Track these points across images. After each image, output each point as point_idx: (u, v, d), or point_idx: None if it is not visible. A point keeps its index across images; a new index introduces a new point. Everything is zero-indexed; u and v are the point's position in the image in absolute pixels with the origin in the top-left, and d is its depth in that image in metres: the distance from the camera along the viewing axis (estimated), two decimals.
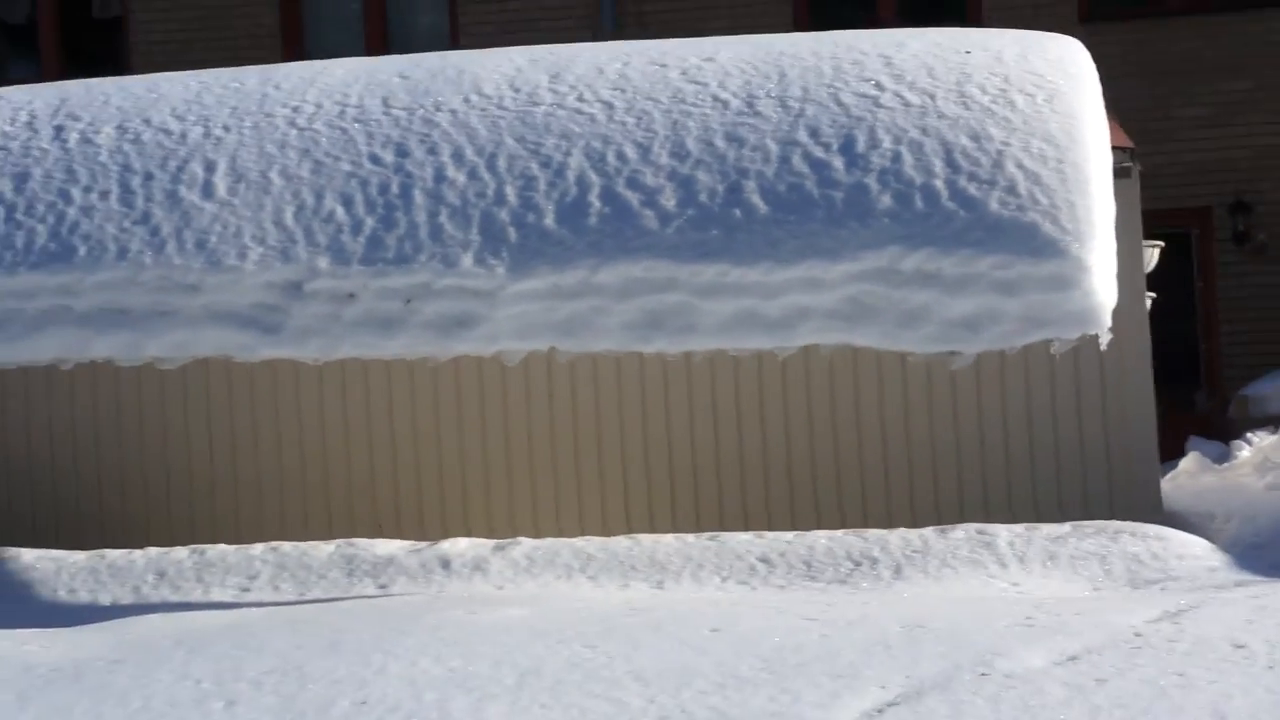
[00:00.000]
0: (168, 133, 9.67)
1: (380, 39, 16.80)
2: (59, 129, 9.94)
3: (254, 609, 7.79)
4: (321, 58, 14.45)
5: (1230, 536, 9.54)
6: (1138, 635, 6.00)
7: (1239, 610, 6.38)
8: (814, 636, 6.16)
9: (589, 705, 5.46)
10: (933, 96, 8.73)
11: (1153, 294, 13.12)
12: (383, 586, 8.50)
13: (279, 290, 8.82)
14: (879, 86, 8.88)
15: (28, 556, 9.40)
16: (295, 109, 9.66)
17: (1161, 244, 12.93)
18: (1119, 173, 9.28)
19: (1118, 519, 9.69)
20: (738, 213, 8.43)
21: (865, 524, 9.68)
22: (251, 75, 10.36)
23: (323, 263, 8.75)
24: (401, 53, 13.83)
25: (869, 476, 9.99)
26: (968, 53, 9.15)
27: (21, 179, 9.59)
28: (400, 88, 9.71)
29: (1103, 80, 9.17)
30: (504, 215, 8.69)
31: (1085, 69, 9.16)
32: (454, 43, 16.09)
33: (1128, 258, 9.82)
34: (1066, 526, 8.53)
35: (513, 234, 8.62)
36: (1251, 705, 5.12)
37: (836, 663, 5.78)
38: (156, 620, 7.71)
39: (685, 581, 8.21)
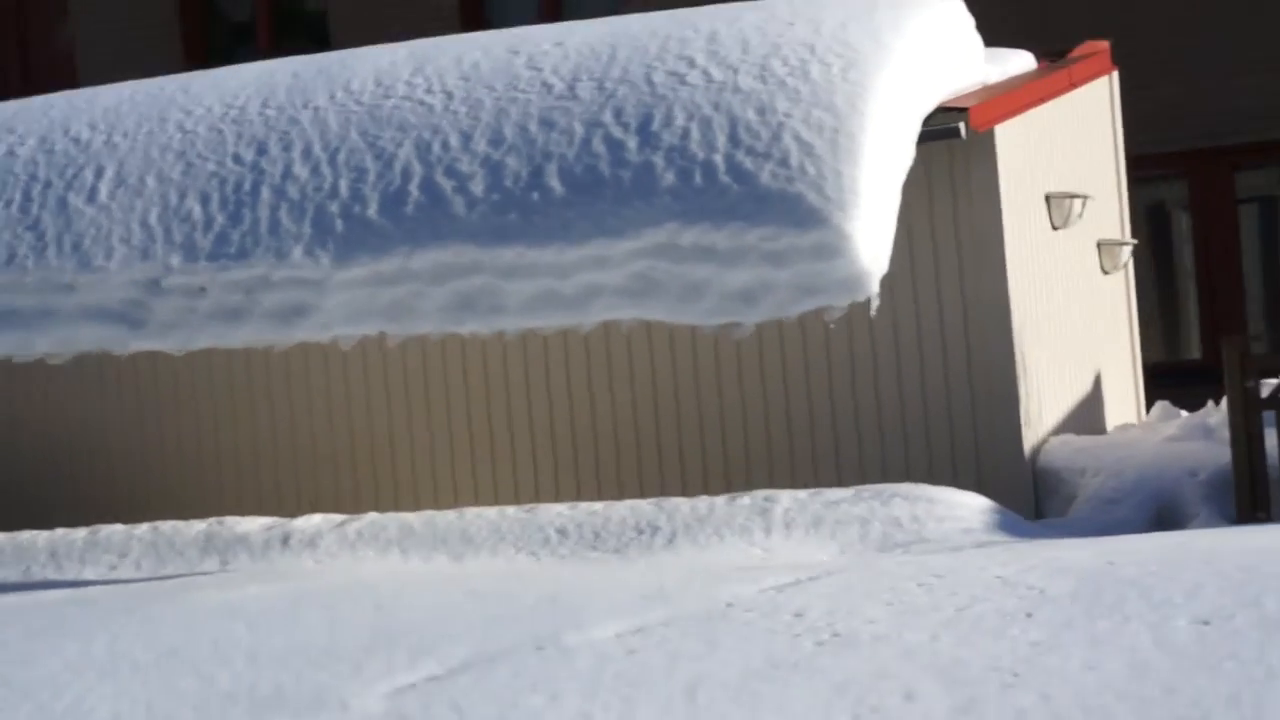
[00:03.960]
0: (77, 141, 10.14)
1: (555, 6, 16.92)
2: None
3: (61, 589, 8.26)
4: (503, 27, 14.92)
5: (1091, 491, 9.32)
6: (729, 606, 6.00)
7: (879, 580, 6.29)
8: (445, 611, 6.31)
9: (179, 684, 5.72)
10: (736, 71, 8.68)
11: (1134, 242, 12.79)
12: (225, 563, 8.86)
13: (141, 287, 9.22)
14: (691, 64, 8.86)
15: None
16: (189, 113, 10.02)
17: (1135, 241, 12.58)
18: (942, 134, 9.10)
19: (985, 476, 9.55)
20: (536, 196, 8.53)
21: (748, 488, 9.68)
22: (174, 82, 10.78)
23: (176, 260, 9.11)
24: (574, 18, 14.10)
25: (739, 443, 9.99)
26: (791, 24, 9.06)
27: None
28: (284, 87, 9.99)
29: None
30: (334, 207, 8.93)
31: (918, 36, 8.99)
32: (621, 7, 16.10)
33: (981, 215, 9.61)
34: (849, 491, 8.44)
35: (340, 225, 8.86)
36: (737, 672, 5.13)
37: (429, 636, 5.92)
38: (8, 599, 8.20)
39: (483, 554, 8.38)
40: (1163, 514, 9.12)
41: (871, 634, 5.51)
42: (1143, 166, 14.96)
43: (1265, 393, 8.90)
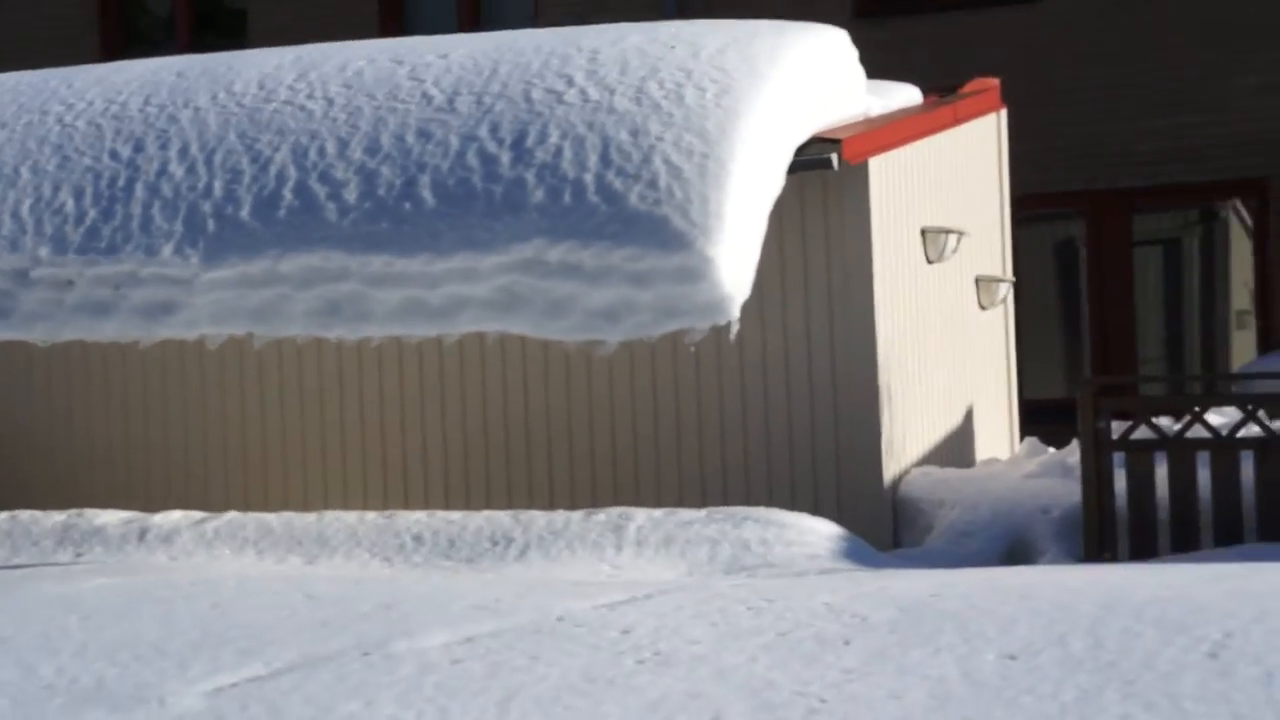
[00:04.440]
0: None
1: (472, 15, 16.91)
2: None
3: None
4: (421, 34, 14.96)
5: (946, 523, 9.45)
6: (559, 620, 6.04)
7: (710, 601, 6.36)
8: (280, 613, 6.32)
9: (1, 674, 5.70)
10: (613, 92, 8.75)
11: (1012, 279, 12.96)
12: (79, 555, 8.84)
13: (9, 277, 9.16)
14: (570, 82, 8.93)
15: None
16: (69, 106, 9.98)
17: (1013, 279, 12.75)
18: (815, 164, 9.21)
19: (844, 503, 9.66)
20: (408, 206, 8.56)
21: (614, 504, 9.73)
22: (58, 75, 10.72)
23: (44, 252, 9.07)
24: (494, 29, 14.14)
25: (606, 460, 10.05)
26: (672, 48, 9.15)
27: None
28: (167, 86, 9.96)
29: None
30: (207, 207, 8.92)
31: (795, 65, 9.09)
32: (536, 19, 16.12)
33: (852, 246, 9.73)
34: (703, 512, 8.52)
35: (211, 225, 8.85)
36: (553, 686, 5.18)
37: (259, 637, 5.93)
38: None
39: (338, 557, 8.40)
40: (1014, 549, 9.25)
41: (691, 654, 5.57)
42: (1045, 204, 15.21)
43: (1116, 434, 9.05)
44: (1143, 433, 9.26)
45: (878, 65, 11.02)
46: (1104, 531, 8.95)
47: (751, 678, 5.30)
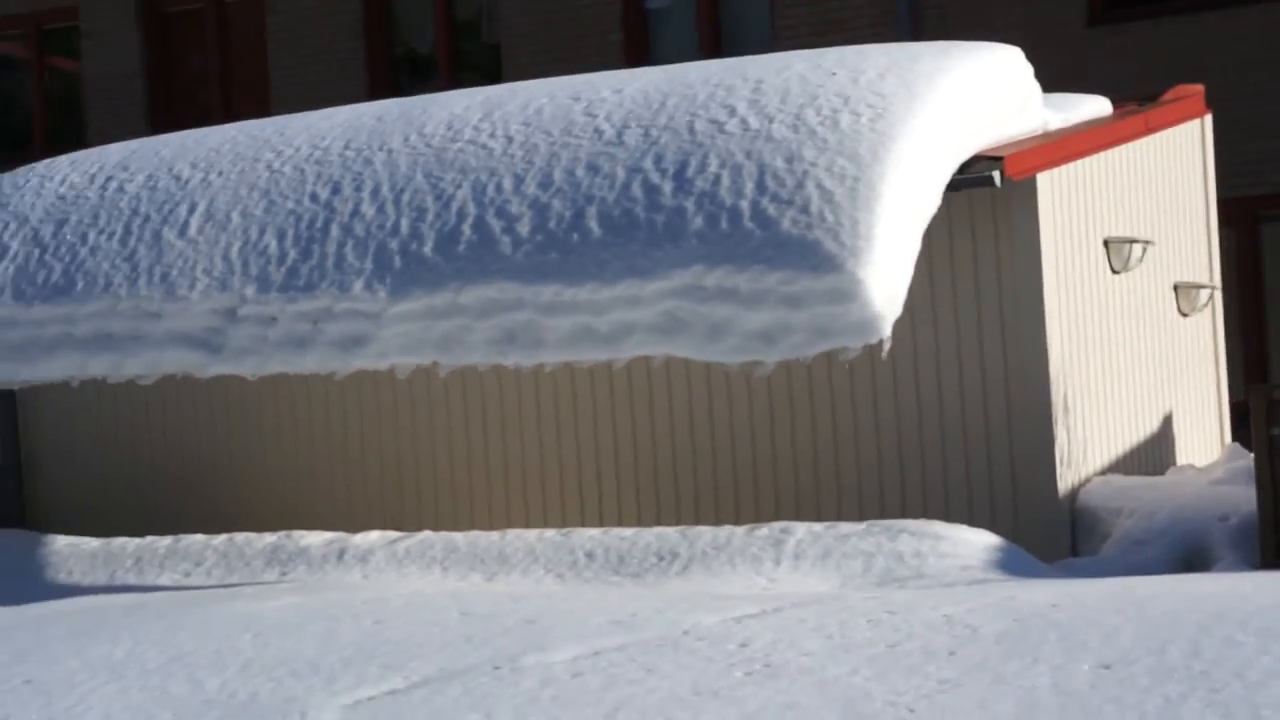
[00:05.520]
0: (178, 179, 10.69)
1: (713, 40, 17.22)
2: (108, 179, 11.08)
3: (132, 594, 8.74)
4: (667, 62, 15.36)
5: (1122, 532, 9.37)
6: (685, 634, 6.23)
7: (836, 614, 6.47)
8: (432, 629, 6.63)
9: (172, 689, 6.13)
10: (772, 120, 8.91)
11: (1214, 285, 12.70)
12: (283, 574, 9.30)
13: (220, 315, 9.73)
14: (732, 112, 9.11)
15: (59, 542, 10.60)
16: (278, 153, 10.53)
17: (1215, 285, 12.51)
18: (977, 181, 9.23)
19: (1020, 515, 9.65)
20: (576, 237, 8.85)
21: (795, 518, 9.87)
22: (273, 124, 11.30)
23: (250, 291, 9.60)
24: (735, 53, 14.44)
25: (794, 473, 10.18)
26: (833, 74, 9.27)
27: (60, 223, 10.79)
28: (366, 130, 10.45)
29: None
30: (394, 245, 9.34)
31: (956, 86, 9.14)
32: (774, 42, 16.42)
33: (1022, 259, 9.70)
34: (861, 525, 8.58)
35: (398, 261, 9.27)
36: (660, 698, 5.38)
37: (406, 652, 6.25)
38: (66, 603, 8.71)
39: (515, 574, 8.70)
40: (1190, 557, 9.13)
41: (799, 666, 5.72)
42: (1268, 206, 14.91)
43: None
44: None
45: (1113, 73, 10.94)
46: (1279, 538, 8.79)
47: (850, 689, 5.43)
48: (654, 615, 6.65)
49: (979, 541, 8.44)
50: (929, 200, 8.64)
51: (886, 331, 8.08)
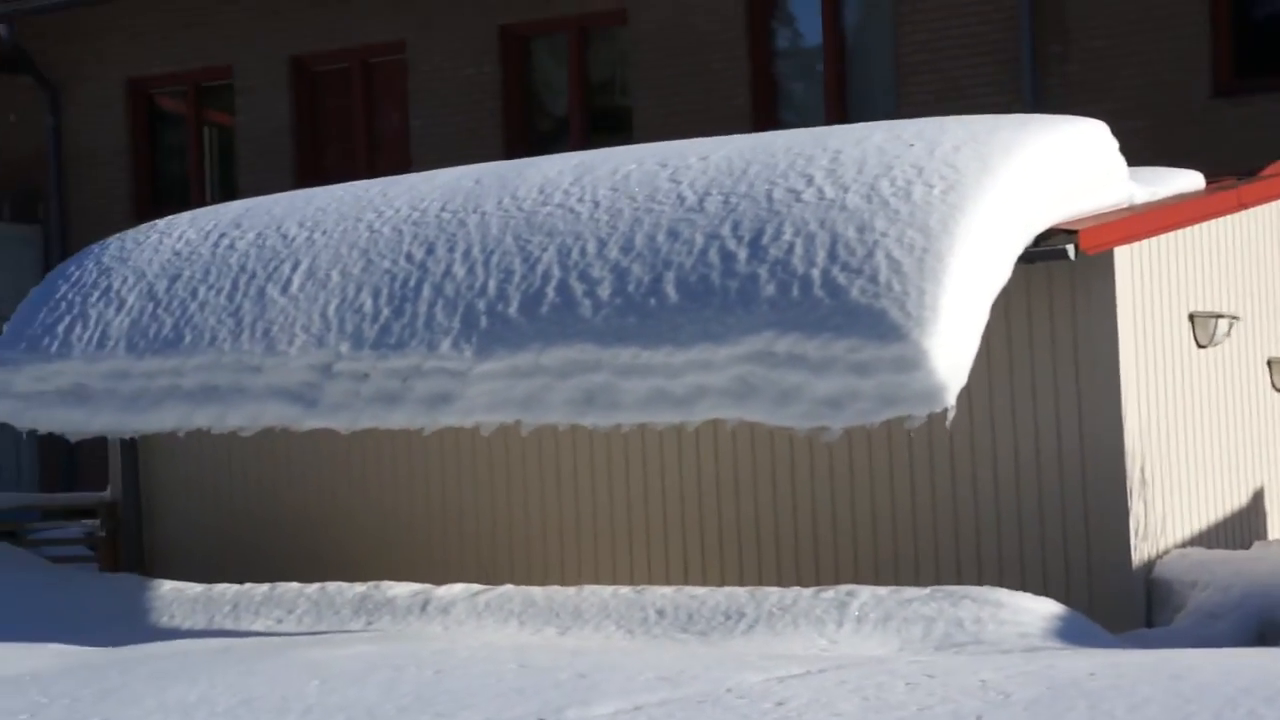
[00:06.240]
0: (285, 237, 11.03)
1: (839, 104, 17.31)
2: (221, 236, 11.45)
3: (225, 638, 9.01)
4: (794, 125, 15.48)
5: (1195, 603, 9.31)
6: (727, 691, 6.33)
7: (877, 677, 6.53)
8: (488, 680, 6.80)
9: None
10: (847, 190, 9.04)
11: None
12: (369, 623, 9.53)
13: (316, 370, 10.02)
14: (810, 181, 9.25)
15: (165, 587, 10.94)
16: (379, 213, 10.82)
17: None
18: (1046, 255, 9.26)
19: (1094, 586, 9.62)
20: (653, 301, 9.02)
21: (859, 581, 9.90)
22: (377, 185, 11.61)
23: (345, 348, 9.88)
24: (859, 118, 14.49)
25: (873, 540, 10.23)
26: (911, 145, 9.37)
27: (174, 279, 11.17)
28: (462, 192, 10.71)
29: None
30: (481, 305, 9.58)
31: (1031, 159, 9.21)
32: (899, 108, 16.46)
33: (1098, 333, 9.70)
34: (925, 590, 8.61)
35: (484, 321, 9.50)
36: None
37: (459, 702, 6.42)
38: (160, 645, 9.01)
39: (588, 629, 8.85)
40: (1265, 630, 9.05)
41: None
42: None
43: None
44: None
45: (1241, 145, 10.82)
46: None
47: None
48: (701, 672, 6.76)
49: (1040, 610, 8.45)
50: (999, 272, 8.70)
51: (950, 400, 8.15)
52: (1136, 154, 11.49)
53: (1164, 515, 10.01)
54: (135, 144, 20.65)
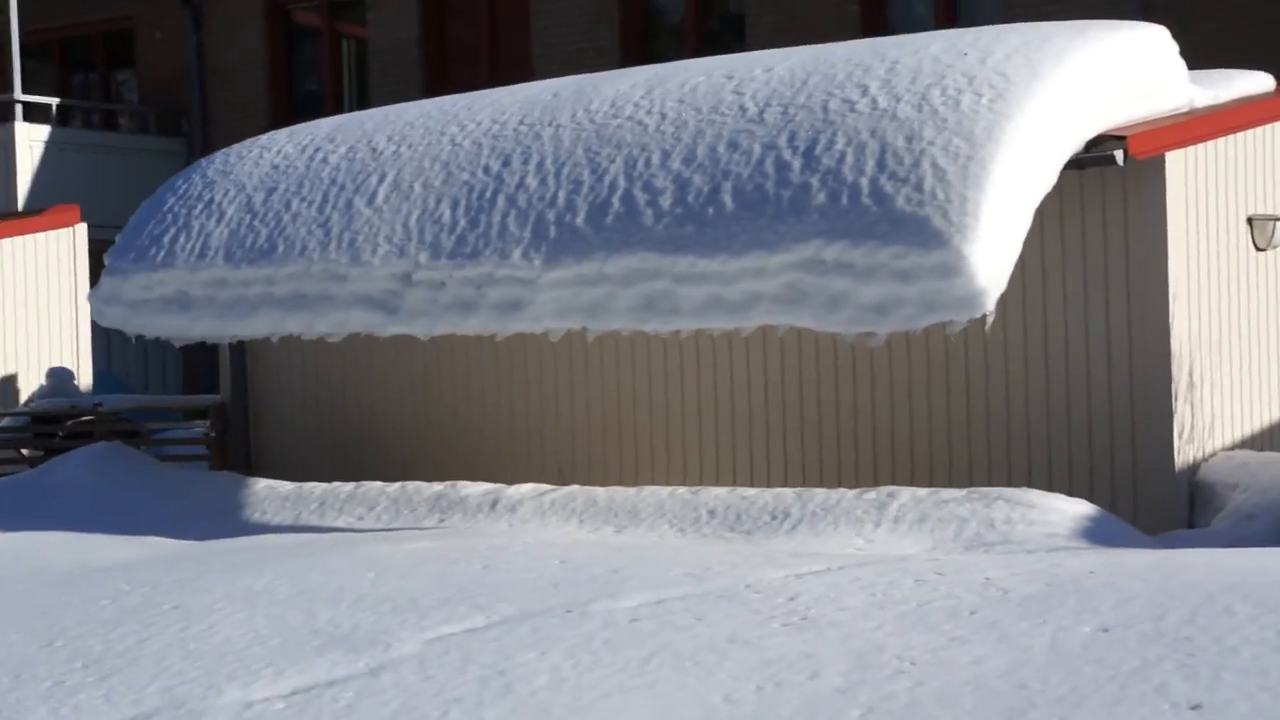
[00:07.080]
0: (374, 150, 11.39)
1: (948, 9, 17.28)
2: (316, 150, 11.85)
3: (308, 534, 9.47)
4: (903, 29, 15.57)
5: (1234, 504, 9.42)
6: (746, 587, 6.61)
7: (889, 574, 6.77)
8: (529, 574, 7.15)
9: (289, 618, 6.78)
10: (899, 100, 9.17)
11: None
12: (441, 520, 9.95)
13: (398, 279, 10.40)
14: (865, 92, 9.39)
15: (260, 485, 11.45)
16: (462, 127, 11.14)
17: None
18: (1094, 161, 9.32)
19: (1138, 487, 9.75)
20: (711, 211, 9.25)
21: (910, 483, 10.10)
22: (463, 100, 11.92)
23: (424, 257, 10.24)
24: (969, 23, 14.50)
25: (929, 445, 10.42)
26: (965, 54, 9.46)
27: (270, 191, 11.60)
28: (540, 105, 10.98)
29: None
30: (551, 216, 9.87)
31: (1083, 65, 9.25)
32: (1008, 12, 16.22)
33: (1148, 238, 9.76)
34: (962, 491, 8.79)
35: (553, 231, 9.80)
36: (697, 645, 5.80)
37: (497, 594, 6.78)
38: (243, 540, 9.50)
39: (641, 527, 9.17)
40: None
41: (831, 620, 6.07)
42: None
43: None
44: None
45: None
46: None
47: (867, 642, 5.77)
48: (728, 569, 7.06)
49: (1071, 510, 8.62)
50: (1044, 179, 8.81)
51: (990, 306, 8.31)
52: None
53: (1213, 419, 10.09)
54: (273, 58, 21.18)
